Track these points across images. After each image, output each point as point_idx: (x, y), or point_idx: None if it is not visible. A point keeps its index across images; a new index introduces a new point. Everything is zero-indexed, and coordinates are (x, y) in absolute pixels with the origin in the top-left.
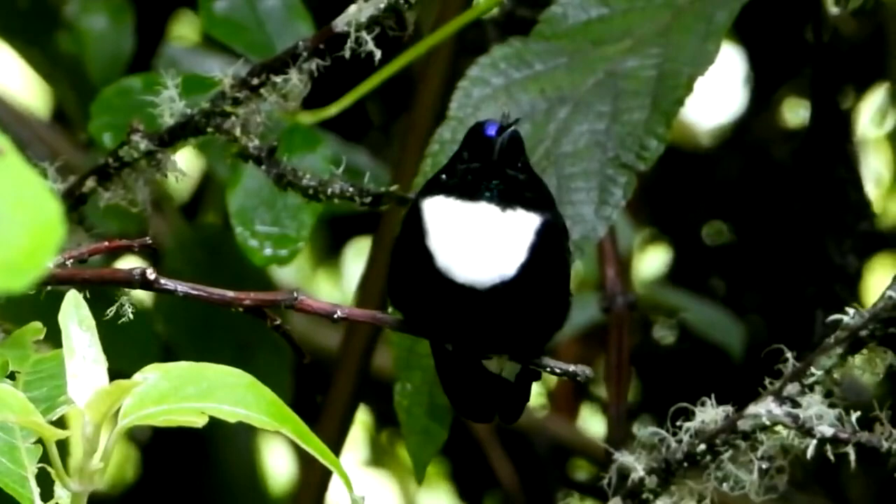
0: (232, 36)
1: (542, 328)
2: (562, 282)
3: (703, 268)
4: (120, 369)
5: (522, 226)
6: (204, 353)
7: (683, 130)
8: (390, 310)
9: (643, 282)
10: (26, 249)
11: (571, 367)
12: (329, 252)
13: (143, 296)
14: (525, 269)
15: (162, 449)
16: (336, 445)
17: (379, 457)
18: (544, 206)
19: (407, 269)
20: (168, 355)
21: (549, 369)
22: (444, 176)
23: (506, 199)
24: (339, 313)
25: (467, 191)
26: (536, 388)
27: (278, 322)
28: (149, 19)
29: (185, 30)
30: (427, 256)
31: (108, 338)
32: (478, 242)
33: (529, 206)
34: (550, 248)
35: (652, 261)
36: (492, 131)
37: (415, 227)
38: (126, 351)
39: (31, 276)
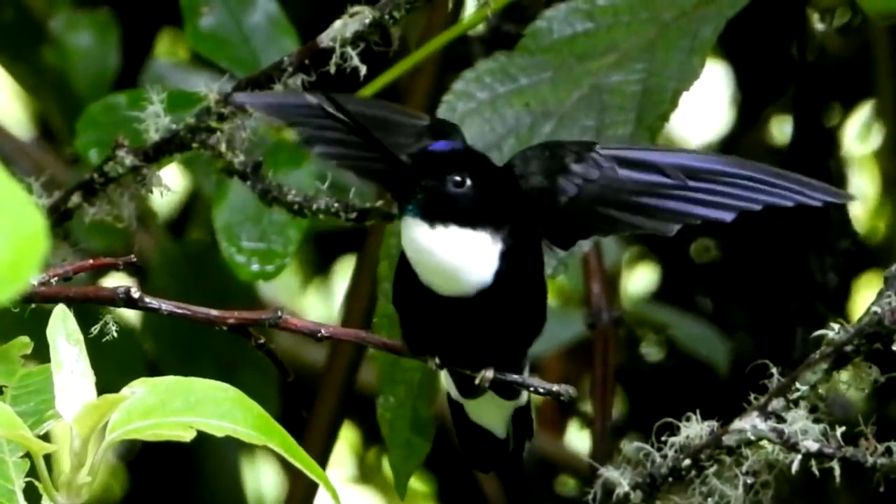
0: (217, 52)
1: (524, 333)
2: (537, 284)
3: (691, 285)
4: (106, 385)
5: (478, 241)
6: (190, 370)
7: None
8: (376, 320)
9: (632, 299)
10: (9, 262)
11: (555, 387)
12: (318, 269)
13: (130, 314)
14: (500, 275)
15: (149, 464)
16: (321, 460)
17: (366, 474)
18: (499, 219)
19: (400, 281)
20: (154, 372)
21: (532, 389)
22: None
23: (430, 214)
24: (322, 332)
25: (399, 206)
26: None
27: (262, 341)
28: (136, 36)
29: (173, 46)
30: (413, 273)
31: (94, 355)
32: (443, 264)
33: (472, 221)
34: (523, 253)
35: (640, 278)
36: (427, 146)
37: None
38: (111, 368)
39: (14, 289)
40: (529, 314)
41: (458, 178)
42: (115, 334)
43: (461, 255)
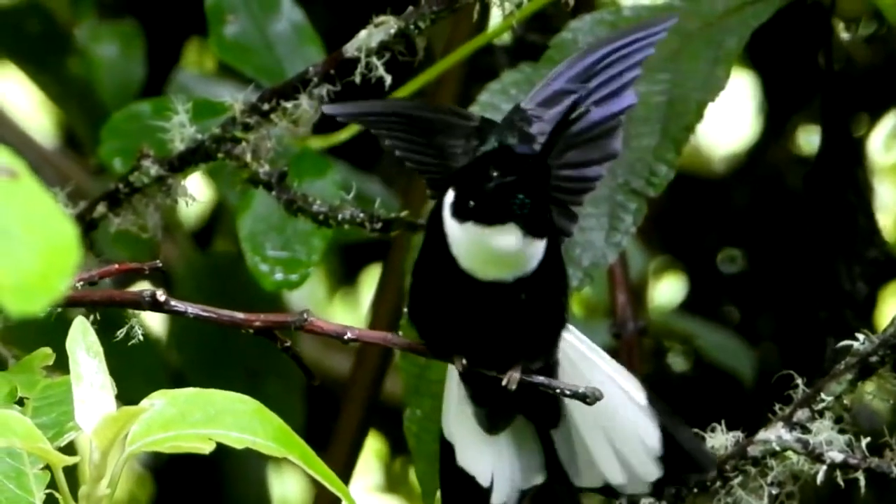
0: (241, 60)
1: (553, 324)
2: (563, 270)
3: (718, 295)
4: (130, 396)
5: (540, 242)
6: (215, 380)
7: (697, 157)
8: (401, 332)
9: (658, 309)
10: (40, 273)
11: (581, 389)
12: (343, 280)
13: (156, 325)
14: (542, 265)
15: (175, 473)
16: (347, 470)
17: (392, 483)
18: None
19: (430, 275)
20: (179, 382)
21: (557, 390)
22: (472, 202)
23: (531, 227)
24: (349, 334)
25: (499, 208)
26: None
27: (288, 344)
28: (162, 46)
29: (200, 57)
30: (450, 260)
31: (118, 365)
32: (500, 261)
33: (548, 228)
34: (557, 248)
35: (667, 288)
36: (522, 149)
37: (438, 238)
38: (136, 378)
39: (45, 300)
40: (557, 305)
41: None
42: (141, 338)
43: (522, 254)
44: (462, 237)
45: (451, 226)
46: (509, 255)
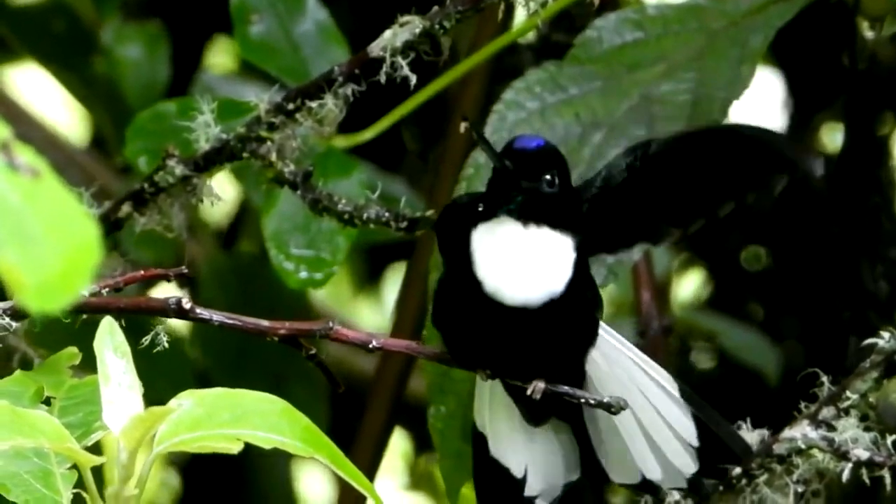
0: (267, 60)
1: (579, 345)
2: (595, 296)
3: (742, 293)
4: (156, 398)
5: (562, 244)
6: (238, 382)
7: None
8: (425, 334)
9: (682, 307)
10: (61, 272)
11: (606, 399)
12: (368, 278)
13: (179, 325)
14: (571, 285)
15: (200, 472)
16: (372, 469)
17: (417, 481)
18: (575, 224)
19: (454, 297)
20: (203, 384)
21: (582, 400)
22: (481, 205)
23: (526, 215)
24: (374, 343)
25: (491, 208)
26: None
27: (313, 352)
28: (186, 46)
29: (222, 57)
30: (475, 284)
31: (143, 368)
32: (523, 266)
33: (560, 222)
34: (586, 265)
35: (691, 286)
36: (516, 144)
37: (462, 257)
38: (160, 381)
39: (65, 299)
40: (586, 326)
41: (549, 178)
42: (166, 345)
43: (545, 258)
44: (476, 247)
45: (473, 242)
46: (511, 248)
